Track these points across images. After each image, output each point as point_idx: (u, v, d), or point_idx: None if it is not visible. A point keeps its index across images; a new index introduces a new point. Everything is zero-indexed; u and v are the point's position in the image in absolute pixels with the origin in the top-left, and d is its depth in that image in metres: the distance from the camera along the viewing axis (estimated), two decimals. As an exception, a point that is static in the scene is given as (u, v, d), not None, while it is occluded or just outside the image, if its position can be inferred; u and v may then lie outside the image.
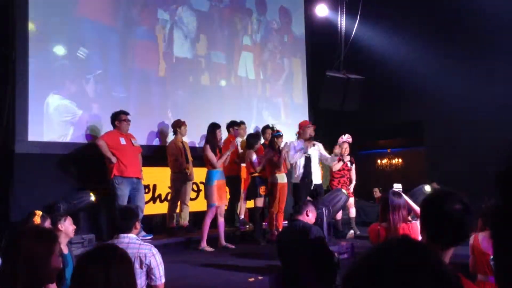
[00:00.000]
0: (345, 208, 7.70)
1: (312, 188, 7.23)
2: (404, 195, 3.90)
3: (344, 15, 9.81)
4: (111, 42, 7.28)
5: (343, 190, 7.22)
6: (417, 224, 3.75)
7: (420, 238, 3.17)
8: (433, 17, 9.48)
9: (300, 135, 7.54)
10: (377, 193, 9.22)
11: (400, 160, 12.00)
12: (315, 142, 7.42)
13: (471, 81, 8.81)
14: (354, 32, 9.77)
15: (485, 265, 3.22)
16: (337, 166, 7.87)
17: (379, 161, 12.09)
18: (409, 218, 3.89)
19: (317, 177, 7.40)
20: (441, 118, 9.41)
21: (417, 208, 3.81)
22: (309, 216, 4.35)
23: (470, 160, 8.46)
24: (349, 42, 9.81)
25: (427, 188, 5.17)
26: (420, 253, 0.82)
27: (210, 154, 6.58)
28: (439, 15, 9.40)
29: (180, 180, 7.13)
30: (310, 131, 7.35)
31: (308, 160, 7.28)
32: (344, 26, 9.78)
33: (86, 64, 6.93)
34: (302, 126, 7.50)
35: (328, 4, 10.23)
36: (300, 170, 7.26)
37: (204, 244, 6.54)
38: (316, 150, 7.43)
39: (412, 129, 10.35)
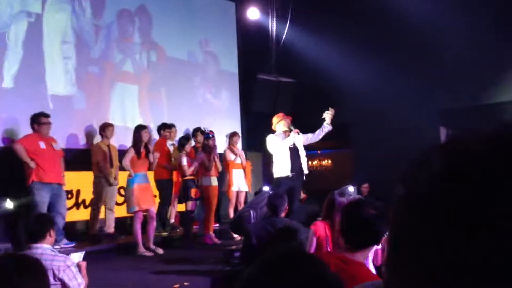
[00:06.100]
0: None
1: (304, 179, 6.72)
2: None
3: (275, 18, 9.93)
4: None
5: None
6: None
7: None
8: (359, 21, 9.78)
9: (276, 130, 6.85)
10: (302, 194, 9.36)
11: (329, 161, 12.34)
12: (297, 130, 6.69)
13: (395, 85, 9.21)
14: (284, 35, 9.91)
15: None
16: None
17: (309, 162, 12.32)
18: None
19: (305, 167, 6.78)
20: (366, 120, 9.75)
21: None
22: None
23: (393, 161, 8.81)
24: (280, 45, 9.95)
25: (351, 189, 5.34)
26: (301, 266, 0.83)
27: (126, 161, 6.34)
28: (365, 19, 9.71)
29: (101, 185, 6.88)
30: (287, 122, 6.74)
31: (294, 151, 6.60)
32: (275, 30, 9.90)
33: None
34: (277, 121, 6.85)
35: (260, 7, 10.32)
36: (286, 163, 6.53)
37: (141, 249, 6.36)
38: (300, 138, 6.76)
39: (340, 131, 10.64)
